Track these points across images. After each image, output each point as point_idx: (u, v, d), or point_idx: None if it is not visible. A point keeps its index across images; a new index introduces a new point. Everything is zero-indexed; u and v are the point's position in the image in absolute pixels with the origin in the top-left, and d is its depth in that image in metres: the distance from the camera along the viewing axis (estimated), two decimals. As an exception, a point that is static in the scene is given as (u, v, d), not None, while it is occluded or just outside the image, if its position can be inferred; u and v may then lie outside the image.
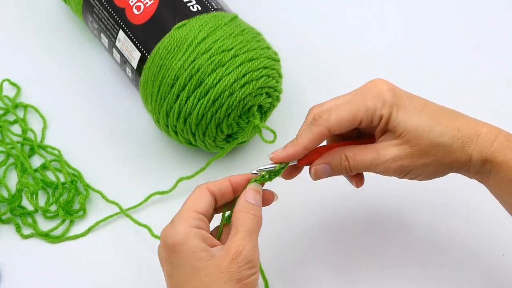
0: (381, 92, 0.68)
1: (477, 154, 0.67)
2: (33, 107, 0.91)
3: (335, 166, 0.69)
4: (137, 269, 0.81)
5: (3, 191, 0.85)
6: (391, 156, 0.67)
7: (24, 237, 0.82)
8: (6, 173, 0.86)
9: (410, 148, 0.67)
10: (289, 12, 1.01)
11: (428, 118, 0.67)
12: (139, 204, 0.84)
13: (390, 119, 0.67)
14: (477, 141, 0.67)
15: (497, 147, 0.67)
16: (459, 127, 0.67)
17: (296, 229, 0.83)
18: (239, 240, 0.64)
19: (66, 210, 0.83)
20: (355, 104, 0.67)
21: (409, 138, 0.67)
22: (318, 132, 0.68)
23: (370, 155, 0.68)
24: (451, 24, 1.01)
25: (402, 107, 0.67)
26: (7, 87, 0.93)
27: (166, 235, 0.65)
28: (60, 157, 0.87)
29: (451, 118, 0.68)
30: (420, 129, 0.66)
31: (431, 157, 0.67)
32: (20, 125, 0.90)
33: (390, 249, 0.82)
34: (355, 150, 0.69)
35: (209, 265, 0.64)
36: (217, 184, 0.69)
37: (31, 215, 0.83)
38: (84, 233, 0.83)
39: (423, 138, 0.66)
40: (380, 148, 0.68)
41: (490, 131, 0.67)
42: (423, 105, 0.68)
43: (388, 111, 0.67)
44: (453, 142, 0.67)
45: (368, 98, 0.67)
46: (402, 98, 0.68)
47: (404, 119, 0.67)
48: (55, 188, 0.84)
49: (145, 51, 0.83)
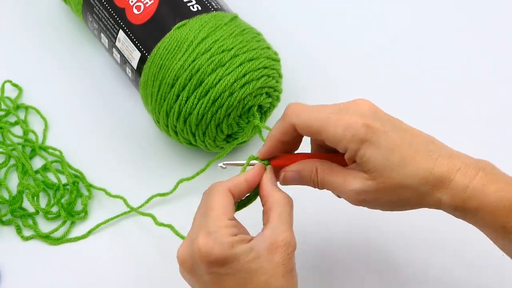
0: (353, 125, 0.64)
1: (447, 200, 0.63)
2: (35, 108, 0.91)
3: (304, 176, 0.69)
4: (138, 270, 0.80)
5: (4, 193, 0.85)
6: (355, 188, 0.65)
7: (24, 238, 0.82)
8: (7, 174, 0.86)
9: (376, 184, 0.64)
10: (289, 12, 1.01)
11: (399, 158, 0.64)
12: (140, 206, 0.84)
13: (357, 155, 0.65)
14: (449, 186, 0.63)
15: (471, 194, 0.63)
16: (431, 170, 0.63)
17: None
18: (285, 231, 0.64)
19: (68, 211, 0.83)
20: (324, 122, 0.65)
21: (375, 176, 0.64)
22: (284, 126, 0.67)
23: (337, 179, 0.67)
24: (451, 23, 1.01)
25: (374, 144, 0.64)
26: (8, 88, 0.93)
27: (210, 248, 0.62)
28: (61, 158, 0.87)
29: (426, 157, 0.64)
30: (388, 168, 0.64)
31: (396, 196, 0.65)
32: (21, 127, 0.89)
33: (390, 249, 0.82)
34: (326, 169, 0.67)
35: (262, 263, 0.62)
36: (236, 184, 0.67)
37: (31, 217, 0.83)
38: (85, 235, 0.83)
39: (390, 178, 0.64)
40: (347, 176, 0.66)
41: (465, 175, 0.63)
42: (398, 141, 0.64)
43: (356, 146, 0.64)
44: (421, 185, 0.63)
45: (340, 126, 0.65)
46: (377, 133, 0.64)
47: (373, 157, 0.64)
48: (56, 190, 0.84)
49: (145, 51, 0.83)
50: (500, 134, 0.91)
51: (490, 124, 0.92)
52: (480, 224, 0.65)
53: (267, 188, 0.67)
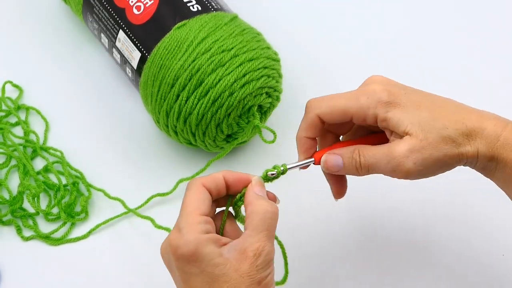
0: (375, 91, 0.66)
1: (483, 149, 0.64)
2: (35, 109, 0.91)
3: (347, 159, 0.67)
4: (138, 271, 0.80)
5: (5, 193, 0.85)
6: (402, 151, 0.64)
7: (24, 239, 0.82)
8: (8, 175, 0.86)
9: (420, 141, 0.64)
10: (289, 12, 1.01)
11: (428, 112, 0.65)
12: (140, 206, 0.84)
13: (388, 119, 0.65)
14: (483, 135, 0.64)
15: (504, 142, 0.64)
16: (462, 120, 0.65)
17: (298, 232, 0.83)
18: (257, 241, 0.62)
19: (68, 213, 0.83)
20: (347, 99, 0.66)
21: (415, 133, 0.64)
22: (309, 119, 0.67)
23: (382, 151, 0.65)
24: (452, 23, 1.01)
25: (399, 104, 0.65)
26: (8, 89, 0.93)
27: (176, 245, 0.62)
28: (62, 158, 0.87)
29: (453, 111, 0.65)
30: (422, 123, 0.64)
31: (441, 150, 0.64)
32: (22, 127, 0.89)
33: (389, 249, 0.82)
34: (368, 147, 0.67)
35: (227, 270, 0.61)
36: (212, 180, 0.66)
37: (32, 217, 0.83)
38: (85, 236, 0.83)
39: (429, 132, 0.64)
40: (391, 145, 0.65)
41: (495, 125, 0.64)
42: (421, 99, 0.66)
43: (384, 110, 0.65)
44: (458, 135, 0.64)
45: (362, 96, 0.66)
46: (398, 95, 0.65)
47: (403, 116, 0.64)
48: (56, 190, 0.84)
49: (145, 51, 0.83)
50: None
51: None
52: (507, 178, 0.65)
53: (249, 196, 0.65)
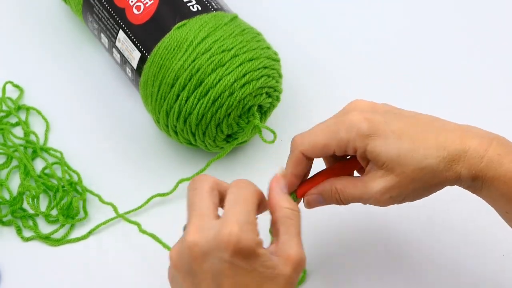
0: (355, 123, 0.64)
1: (466, 171, 0.64)
2: (36, 109, 0.91)
3: (327, 197, 0.69)
4: (138, 272, 0.80)
5: (6, 194, 0.84)
6: (378, 189, 0.65)
7: (24, 239, 0.82)
8: (9, 175, 0.86)
9: (396, 177, 0.64)
10: (289, 12, 1.01)
11: (409, 142, 0.64)
12: (140, 207, 0.84)
13: (367, 151, 0.64)
14: (465, 158, 0.63)
15: (487, 162, 0.63)
16: (444, 145, 0.63)
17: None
18: (298, 246, 0.62)
19: (67, 214, 0.83)
20: (328, 133, 0.66)
21: (392, 168, 0.64)
22: (294, 157, 0.68)
23: (358, 189, 0.66)
24: (451, 23, 1.01)
25: (380, 136, 0.64)
26: (8, 89, 0.93)
27: (239, 238, 0.59)
28: (61, 159, 0.87)
29: (436, 135, 0.64)
30: (402, 156, 0.63)
31: (419, 182, 0.64)
32: (23, 128, 0.89)
33: (389, 249, 0.82)
34: (345, 183, 0.67)
35: (276, 275, 0.61)
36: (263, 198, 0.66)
37: (32, 218, 0.83)
38: (85, 236, 0.83)
39: (407, 165, 0.63)
40: (367, 181, 0.65)
41: (479, 144, 0.64)
42: (402, 127, 0.64)
43: (363, 143, 0.64)
44: (439, 162, 0.63)
45: (342, 130, 0.65)
46: (378, 125, 0.64)
47: (383, 149, 0.64)
48: (56, 191, 0.84)
49: (145, 51, 0.83)
50: (500, 133, 0.91)
51: (490, 124, 0.92)
52: (494, 196, 0.65)
53: (276, 196, 0.66)
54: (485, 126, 0.91)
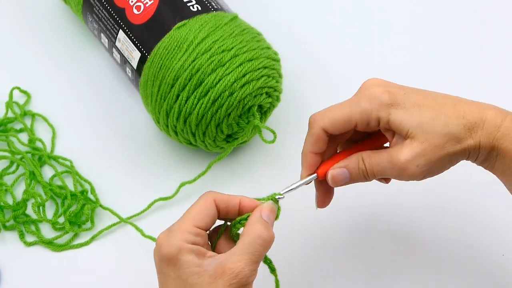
0: (376, 94, 0.66)
1: (484, 139, 0.65)
2: (42, 116, 0.90)
3: (352, 169, 0.68)
4: (140, 278, 0.80)
5: (10, 199, 0.84)
6: (405, 158, 0.65)
7: (27, 244, 0.82)
8: (16, 181, 0.85)
9: (421, 144, 0.65)
10: (289, 12, 1.01)
11: (429, 111, 0.65)
12: (142, 212, 0.84)
13: (391, 121, 0.66)
14: (484, 126, 0.65)
15: (504, 132, 0.65)
16: (463, 114, 0.65)
17: (300, 234, 0.83)
18: (239, 261, 0.62)
19: (74, 222, 0.82)
20: (349, 107, 0.67)
21: (416, 135, 0.65)
22: (315, 134, 0.68)
23: (385, 158, 0.66)
24: (453, 23, 1.01)
25: (401, 106, 0.66)
26: (15, 94, 0.92)
27: (161, 244, 0.64)
28: (71, 168, 0.86)
29: (454, 105, 0.66)
30: (424, 124, 0.65)
31: (442, 149, 0.65)
32: (28, 134, 0.89)
33: (389, 249, 0.82)
34: (371, 153, 0.67)
35: (202, 281, 0.62)
36: (226, 199, 0.66)
37: (34, 223, 0.83)
38: (88, 242, 0.82)
39: (430, 132, 0.65)
40: (392, 151, 0.66)
41: (496, 114, 0.65)
42: (421, 99, 0.66)
43: (386, 113, 0.66)
44: (460, 130, 0.65)
45: (363, 101, 0.66)
46: (398, 96, 0.66)
47: (405, 118, 0.65)
48: (64, 199, 0.84)
49: (145, 51, 0.83)
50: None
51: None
52: (507, 168, 0.66)
53: (253, 216, 0.66)
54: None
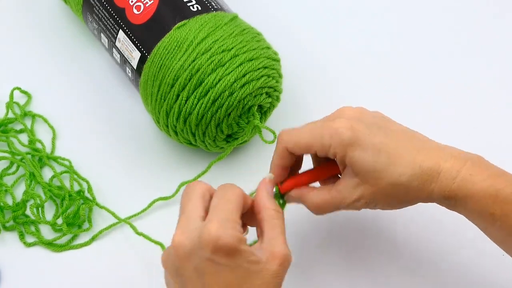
0: (339, 131, 0.67)
1: (438, 191, 0.66)
2: (42, 116, 0.90)
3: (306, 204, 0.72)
4: (142, 278, 0.80)
5: (10, 200, 0.84)
6: (354, 198, 0.68)
7: (27, 245, 0.82)
8: (16, 182, 0.85)
9: (371, 187, 0.67)
10: (289, 12, 1.01)
11: (386, 157, 0.66)
12: (142, 211, 0.84)
13: (346, 159, 0.67)
14: (438, 179, 0.66)
15: (459, 183, 0.65)
16: (420, 164, 0.66)
17: (296, 234, 0.83)
18: (283, 244, 0.64)
19: (73, 223, 0.82)
20: (313, 136, 0.69)
21: (368, 179, 0.67)
22: (279, 150, 0.71)
23: (335, 199, 0.69)
24: (453, 23, 1.01)
25: (360, 147, 0.66)
26: (16, 94, 0.92)
27: (219, 236, 0.61)
28: (70, 168, 0.86)
29: (413, 153, 0.66)
30: (377, 170, 0.66)
31: (392, 196, 0.67)
32: (28, 135, 0.88)
33: (389, 249, 0.82)
34: (321, 194, 0.70)
35: (262, 269, 0.63)
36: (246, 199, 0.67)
37: (34, 224, 0.83)
38: (88, 242, 0.82)
39: (381, 179, 0.66)
40: (343, 190, 0.68)
41: (453, 166, 0.66)
42: (383, 141, 0.67)
43: (343, 151, 0.67)
44: (412, 181, 0.66)
45: (326, 134, 0.68)
46: (362, 136, 0.67)
47: (361, 159, 0.66)
48: (62, 200, 0.83)
49: (145, 51, 0.83)
50: (499, 135, 0.91)
51: (486, 127, 0.92)
52: (469, 213, 0.67)
53: (263, 198, 0.68)
54: (482, 129, 0.91)
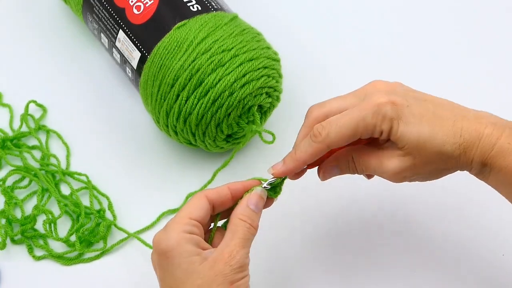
0: (380, 106, 0.66)
1: (477, 158, 0.66)
2: (56, 132, 0.89)
3: (343, 167, 0.70)
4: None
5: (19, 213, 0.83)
6: (393, 168, 0.67)
7: (36, 258, 0.81)
8: (28, 197, 0.84)
9: (413, 159, 0.67)
10: (289, 12, 1.01)
11: (428, 126, 0.66)
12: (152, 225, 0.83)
13: (391, 133, 0.67)
14: (479, 145, 0.66)
15: (498, 150, 0.66)
16: (461, 132, 0.66)
17: (295, 233, 0.83)
18: (233, 245, 0.65)
19: (87, 239, 0.81)
20: (354, 119, 0.67)
21: (411, 151, 0.66)
22: (318, 149, 0.68)
23: (374, 163, 0.68)
24: (453, 23, 1.01)
25: (403, 119, 0.66)
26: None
27: (159, 240, 0.66)
28: (88, 184, 0.85)
29: (453, 121, 0.67)
30: (421, 140, 0.66)
31: (433, 165, 0.67)
32: (42, 151, 0.88)
33: (388, 249, 0.82)
34: (361, 154, 0.69)
35: (202, 268, 0.64)
36: (216, 192, 0.69)
37: (43, 238, 0.82)
38: (98, 256, 0.81)
39: (425, 149, 0.66)
40: (383, 158, 0.68)
41: (492, 132, 0.66)
42: (422, 112, 0.67)
43: (388, 125, 0.66)
44: (455, 149, 0.66)
45: (368, 113, 0.66)
46: (401, 108, 0.66)
47: (405, 132, 0.66)
48: (78, 216, 0.83)
49: (145, 51, 0.83)
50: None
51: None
52: (501, 183, 0.67)
53: (240, 208, 0.68)
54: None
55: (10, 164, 0.86)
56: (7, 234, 0.81)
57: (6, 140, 0.88)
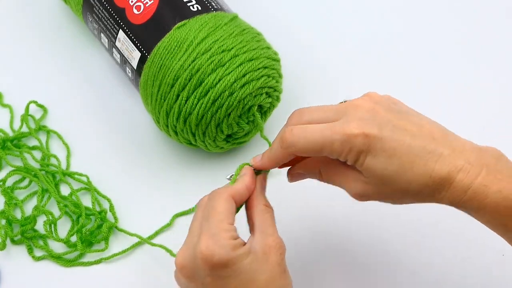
0: (351, 137, 0.63)
1: (447, 200, 0.63)
2: (57, 133, 0.89)
3: (310, 175, 0.71)
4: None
5: (19, 213, 0.83)
6: (357, 192, 0.66)
7: (36, 259, 0.81)
8: (28, 197, 0.84)
9: (378, 188, 0.65)
10: (290, 12, 1.01)
11: (398, 165, 0.63)
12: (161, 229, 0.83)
13: (357, 164, 0.65)
14: (449, 189, 0.62)
15: (471, 195, 0.62)
16: (431, 173, 0.62)
17: (295, 233, 0.83)
18: (272, 234, 0.66)
19: (88, 240, 0.81)
20: (322, 140, 0.65)
21: (376, 183, 0.64)
22: (285, 154, 0.68)
23: (339, 180, 0.68)
24: (453, 23, 1.01)
25: (371, 152, 0.63)
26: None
27: (212, 252, 0.63)
28: (89, 184, 0.85)
29: (426, 161, 0.63)
30: (386, 175, 0.63)
31: (398, 197, 0.65)
32: (42, 151, 0.88)
33: (388, 249, 0.82)
34: (328, 169, 0.69)
35: (260, 264, 0.65)
36: (238, 191, 0.68)
37: (43, 238, 0.82)
38: (97, 261, 0.81)
39: (390, 184, 0.64)
40: (348, 177, 0.66)
41: (467, 176, 0.62)
42: (396, 146, 0.63)
43: (354, 157, 0.64)
44: (422, 189, 0.63)
45: (337, 139, 0.64)
46: (374, 142, 0.63)
47: (371, 165, 0.64)
48: (78, 216, 0.83)
49: (145, 51, 0.83)
50: (499, 135, 0.91)
51: (489, 123, 0.92)
52: (481, 221, 0.65)
53: (256, 196, 0.69)
54: (482, 129, 0.91)
55: (10, 164, 0.86)
56: (7, 235, 0.81)
57: (6, 141, 0.88)
